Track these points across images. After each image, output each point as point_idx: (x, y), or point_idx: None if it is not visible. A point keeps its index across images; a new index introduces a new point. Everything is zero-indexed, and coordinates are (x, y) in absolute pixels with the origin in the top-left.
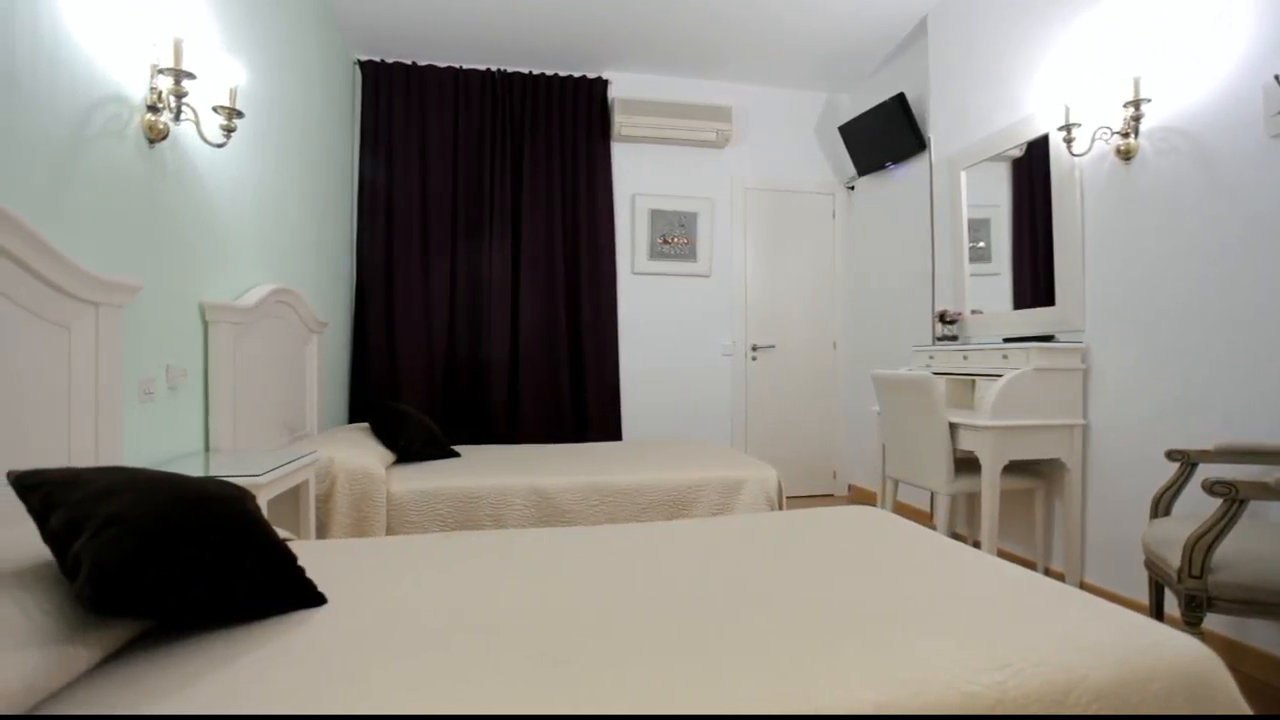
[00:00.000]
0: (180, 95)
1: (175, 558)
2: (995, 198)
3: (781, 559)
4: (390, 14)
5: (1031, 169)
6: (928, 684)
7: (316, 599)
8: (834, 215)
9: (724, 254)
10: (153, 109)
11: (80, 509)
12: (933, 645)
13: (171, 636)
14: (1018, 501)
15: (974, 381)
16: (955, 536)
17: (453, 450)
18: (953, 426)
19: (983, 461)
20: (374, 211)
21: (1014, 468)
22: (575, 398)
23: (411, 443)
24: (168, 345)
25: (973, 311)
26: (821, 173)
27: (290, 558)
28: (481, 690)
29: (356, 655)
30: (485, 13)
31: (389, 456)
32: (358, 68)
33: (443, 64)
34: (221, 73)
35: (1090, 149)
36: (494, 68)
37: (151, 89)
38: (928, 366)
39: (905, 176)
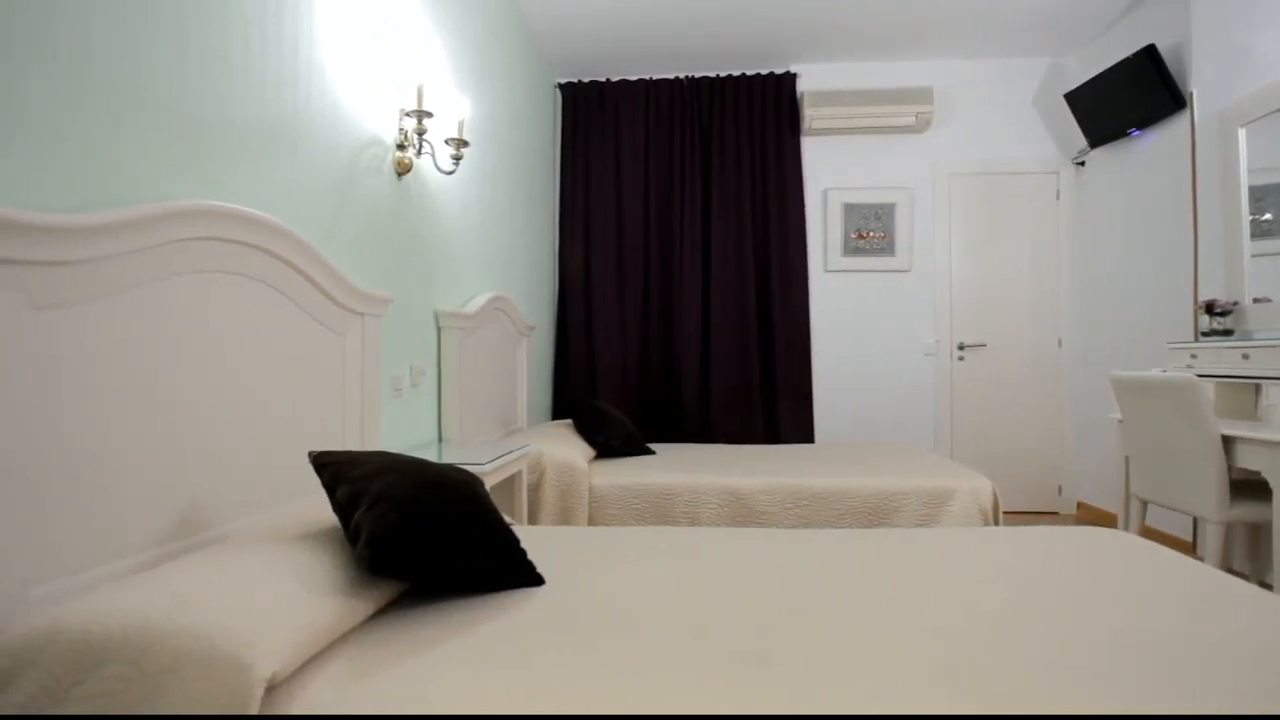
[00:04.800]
0: (421, 133)
1: (427, 532)
2: None
3: (1004, 580)
4: (587, 38)
5: None
6: None
7: (537, 579)
8: (1058, 196)
9: (925, 246)
10: (400, 147)
11: (358, 485)
12: (1220, 705)
13: (420, 600)
14: None
15: (1258, 386)
16: (1231, 574)
17: (648, 448)
18: (1227, 440)
19: (1274, 486)
20: (573, 220)
21: None
22: (766, 398)
23: (611, 439)
24: (411, 348)
25: (1255, 300)
26: (1043, 149)
27: (515, 540)
28: (678, 677)
29: (572, 634)
30: (674, 23)
31: (590, 451)
32: (558, 90)
33: (634, 77)
34: (452, 108)
35: None
36: (682, 75)
37: (400, 130)
38: (1189, 367)
39: (1154, 143)
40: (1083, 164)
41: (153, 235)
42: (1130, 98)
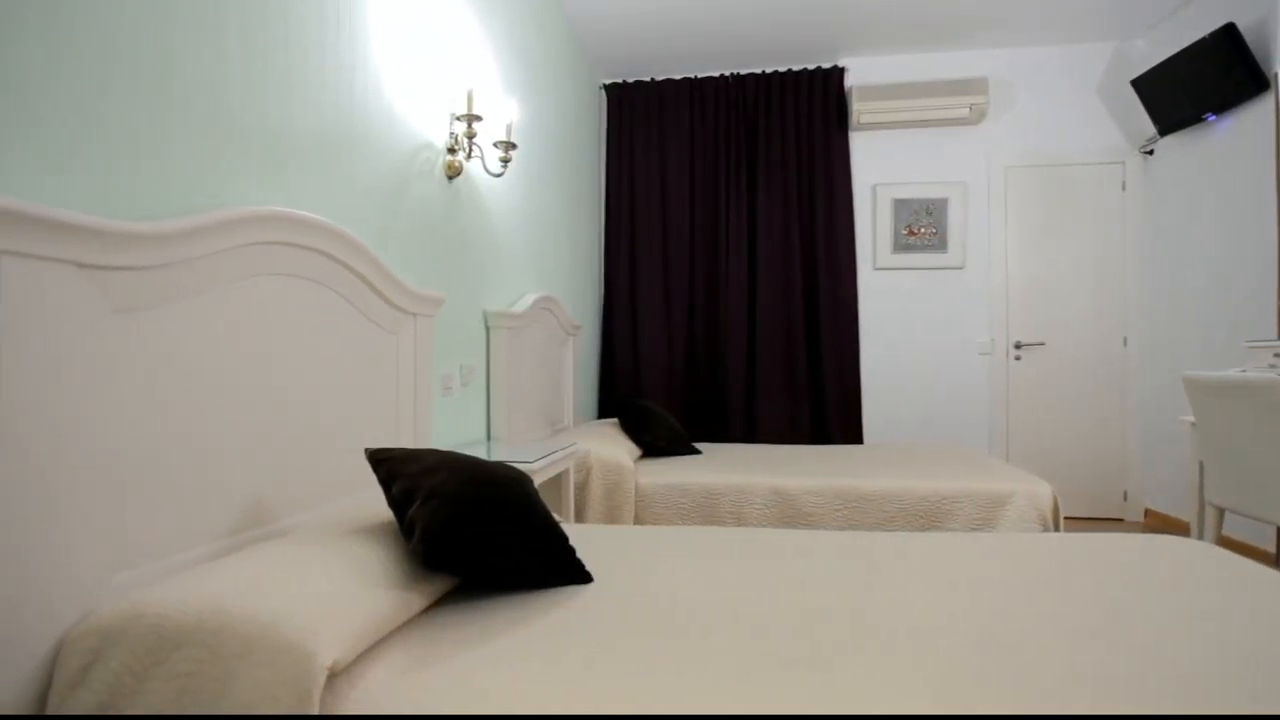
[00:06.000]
0: (471, 136)
1: (478, 529)
2: None
3: (1069, 590)
4: (631, 38)
5: None
6: None
7: (585, 577)
8: (1124, 187)
9: (979, 242)
10: (451, 150)
11: (413, 481)
12: None
13: (472, 595)
14: None
15: None
16: None
17: (694, 447)
18: None
19: None
20: (618, 220)
21: None
22: (813, 398)
23: (656, 438)
24: (461, 347)
25: None
26: (1107, 138)
27: (564, 537)
28: (720, 678)
29: (618, 633)
30: (719, 21)
31: (636, 451)
32: (603, 91)
33: (679, 76)
34: (500, 111)
35: None
36: (728, 73)
37: (450, 134)
38: (1272, 367)
39: (1231, 128)
40: (1151, 153)
41: (221, 240)
42: (1206, 81)
